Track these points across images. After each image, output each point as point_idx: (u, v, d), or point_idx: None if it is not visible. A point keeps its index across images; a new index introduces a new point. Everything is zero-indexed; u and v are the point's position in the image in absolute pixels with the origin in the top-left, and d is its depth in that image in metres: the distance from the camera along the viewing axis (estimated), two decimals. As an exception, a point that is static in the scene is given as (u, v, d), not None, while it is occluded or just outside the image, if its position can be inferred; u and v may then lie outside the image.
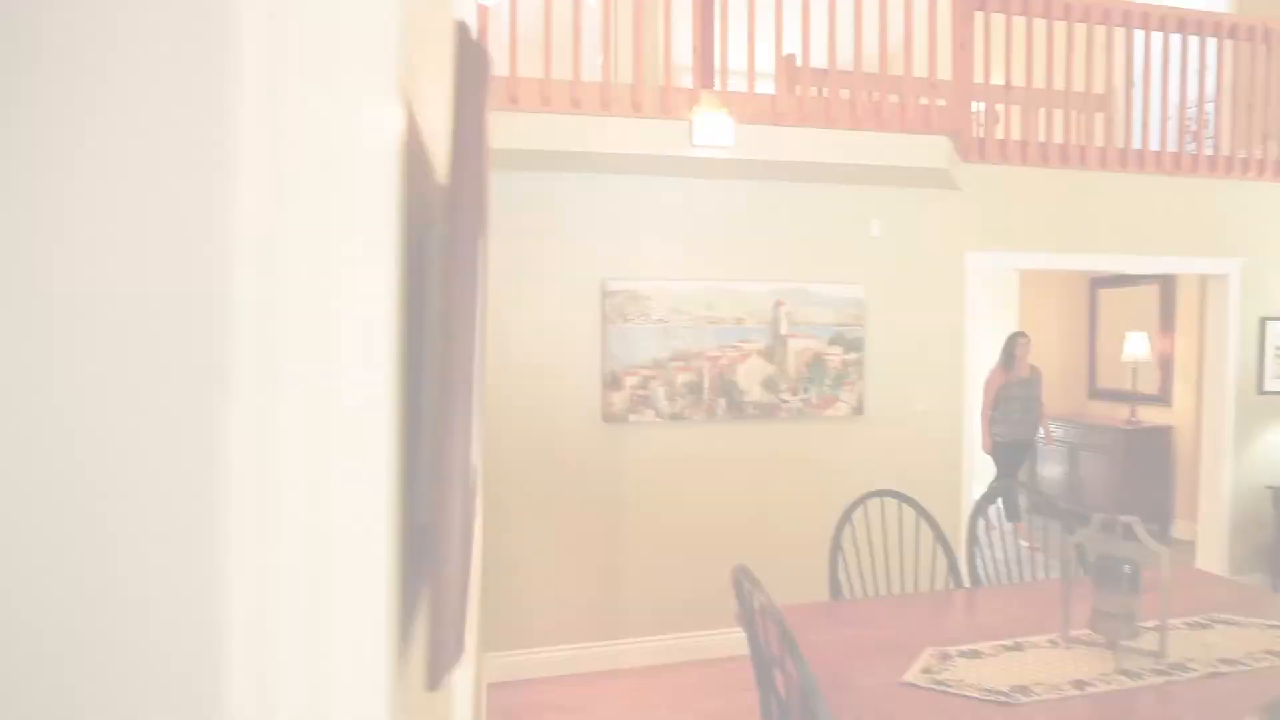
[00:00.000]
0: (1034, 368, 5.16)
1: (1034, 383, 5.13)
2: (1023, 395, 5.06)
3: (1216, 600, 2.28)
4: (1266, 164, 4.17)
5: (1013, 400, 5.06)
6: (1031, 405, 5.09)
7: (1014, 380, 5.06)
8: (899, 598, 2.32)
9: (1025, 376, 5.09)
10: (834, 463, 3.61)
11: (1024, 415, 5.06)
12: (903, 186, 3.61)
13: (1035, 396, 5.10)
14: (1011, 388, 5.06)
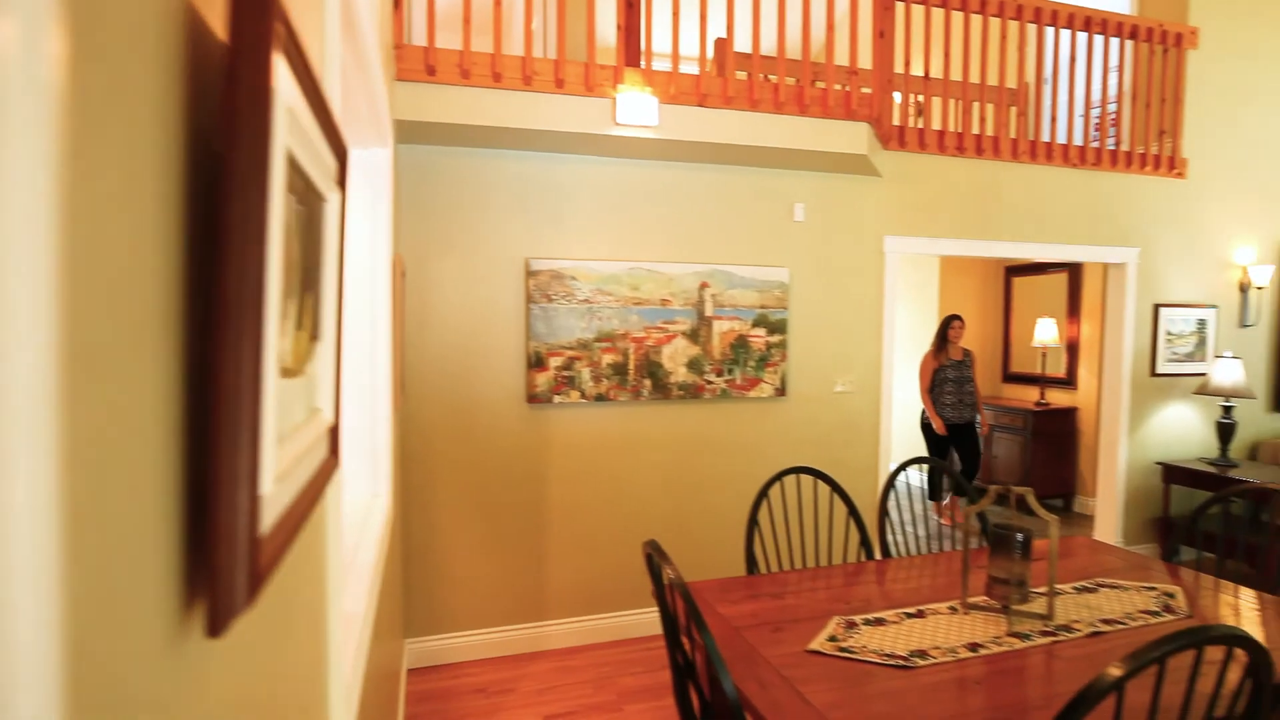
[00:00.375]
0: (967, 351, 5.21)
1: (966, 365, 5.16)
2: (955, 378, 5.11)
3: (1104, 567, 2.42)
4: (1162, 159, 4.42)
5: (945, 383, 5.12)
6: (965, 388, 5.13)
7: (947, 363, 5.13)
8: (812, 570, 2.38)
9: (958, 359, 5.14)
10: (758, 443, 3.68)
11: (957, 398, 5.12)
12: (826, 171, 3.67)
13: (968, 379, 5.14)
14: (945, 370, 5.12)
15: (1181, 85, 4.41)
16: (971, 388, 5.16)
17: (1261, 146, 4.72)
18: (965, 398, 5.13)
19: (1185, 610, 2.05)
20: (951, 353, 5.13)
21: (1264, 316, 4.86)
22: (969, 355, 5.21)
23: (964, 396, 5.13)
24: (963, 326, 5.17)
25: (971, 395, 5.15)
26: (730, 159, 3.42)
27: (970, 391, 5.15)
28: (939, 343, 5.17)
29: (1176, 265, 4.55)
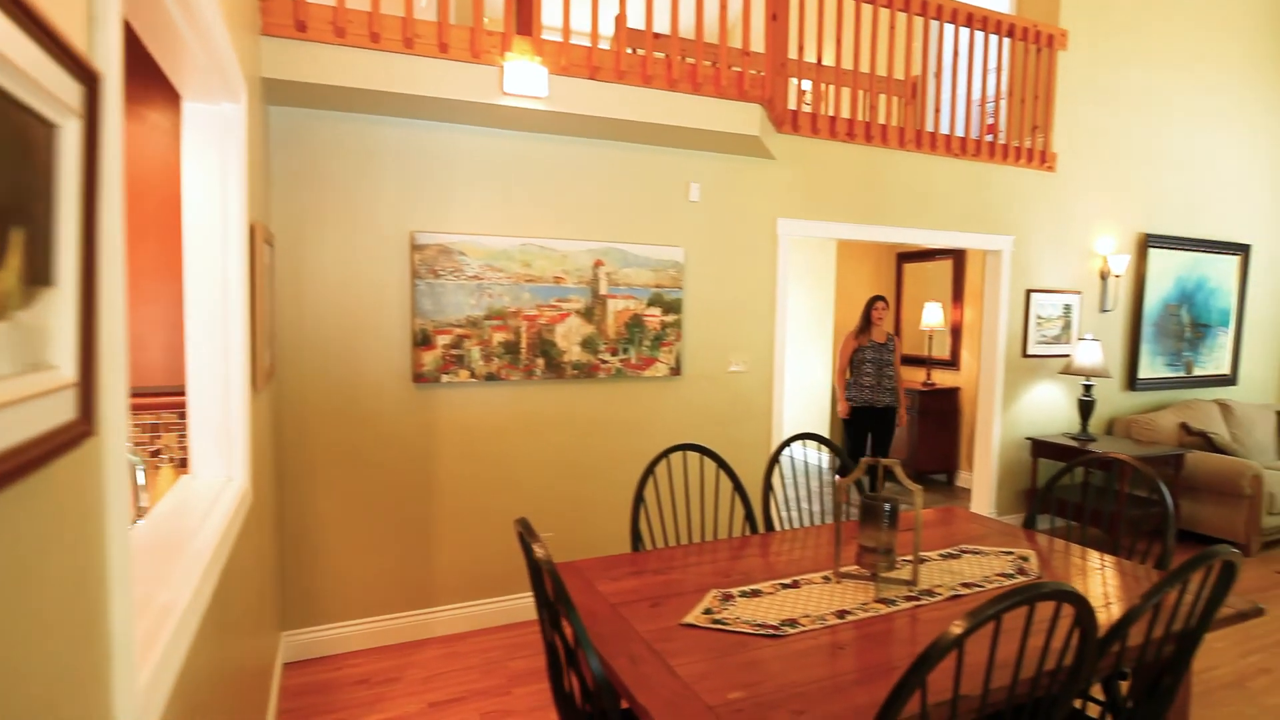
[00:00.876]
0: (891, 335, 5.05)
1: (888, 349, 5.00)
2: (875, 360, 4.97)
3: (970, 534, 2.55)
4: (1034, 153, 4.69)
5: (865, 364, 5.00)
6: (885, 371, 4.98)
7: (867, 344, 5.00)
8: (698, 545, 2.39)
9: (880, 342, 4.99)
10: (654, 422, 3.68)
11: (876, 380, 4.97)
12: (721, 152, 3.69)
13: (888, 362, 4.99)
14: (864, 351, 5.00)
15: (1052, 84, 4.68)
16: (892, 371, 5.01)
17: (1120, 145, 5.08)
18: (885, 381, 4.98)
19: (1036, 572, 2.18)
20: (874, 334, 5.00)
21: (1121, 303, 5.26)
22: (892, 339, 5.05)
23: (883, 380, 4.98)
24: (886, 308, 5.01)
25: (891, 379, 5.00)
26: (626, 135, 3.38)
27: (890, 375, 5.00)
28: (862, 324, 5.04)
29: (1046, 253, 4.86)
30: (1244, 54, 5.68)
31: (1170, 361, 5.56)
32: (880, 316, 4.97)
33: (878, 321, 4.98)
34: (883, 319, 4.99)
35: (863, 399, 4.99)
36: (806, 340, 7.04)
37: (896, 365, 5.02)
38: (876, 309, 4.97)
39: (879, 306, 4.98)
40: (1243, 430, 5.33)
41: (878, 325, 4.99)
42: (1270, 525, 4.58)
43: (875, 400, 4.97)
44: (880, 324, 4.98)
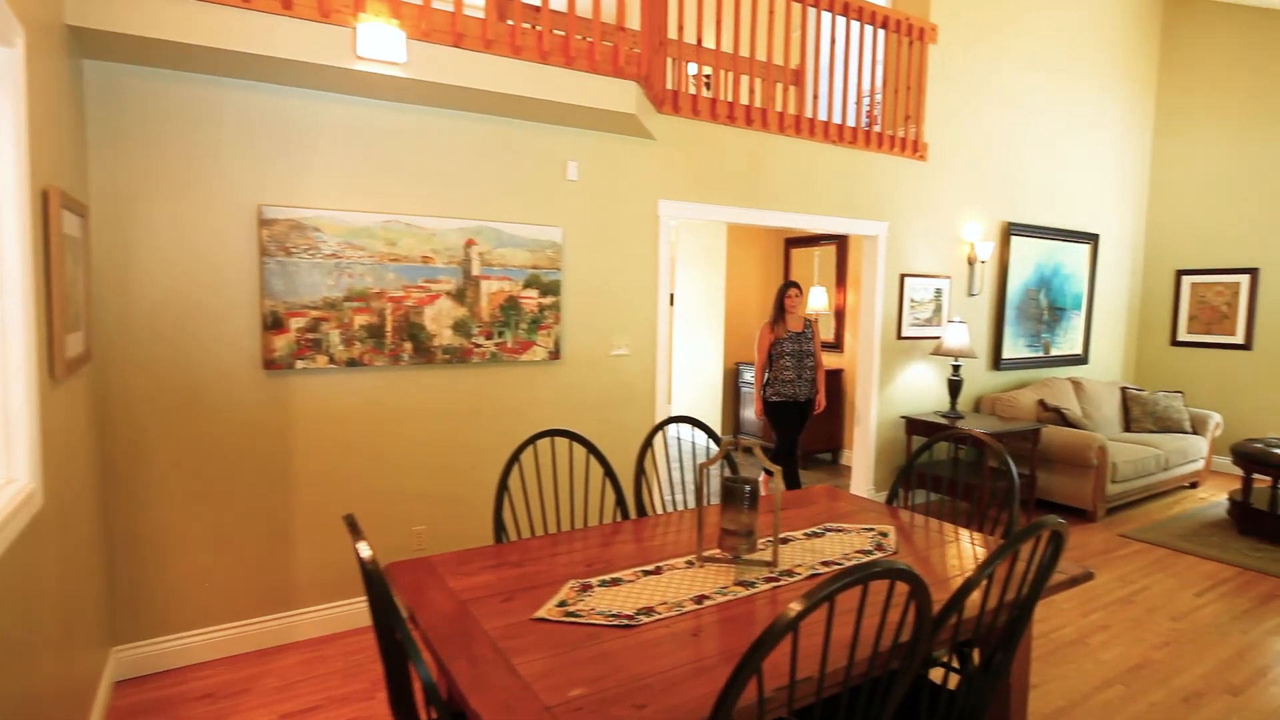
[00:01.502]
0: (809, 321, 4.77)
1: (807, 337, 4.71)
2: (795, 351, 4.68)
3: (836, 512, 2.59)
4: (907, 143, 4.85)
5: (784, 357, 4.68)
6: (805, 362, 4.71)
7: (785, 335, 4.69)
8: (566, 534, 2.31)
9: (798, 330, 4.70)
10: (532, 408, 3.57)
11: (797, 373, 4.68)
12: (599, 130, 3.59)
13: (809, 352, 4.71)
14: (783, 343, 4.69)
15: (923, 76, 4.85)
16: (812, 361, 4.73)
17: (985, 137, 5.35)
18: (806, 373, 4.71)
19: (894, 548, 2.23)
20: (790, 324, 4.71)
21: (987, 287, 5.55)
22: (810, 326, 4.75)
23: (804, 371, 4.70)
24: (799, 295, 4.70)
25: (812, 370, 4.74)
26: (498, 109, 3.23)
27: (811, 366, 4.73)
28: (776, 313, 4.72)
29: (919, 239, 5.05)
30: (1099, 57, 6.10)
31: (1030, 342, 5.94)
32: (794, 304, 4.69)
33: (792, 309, 4.70)
34: (797, 306, 4.70)
35: (785, 394, 4.69)
36: (700, 324, 7.08)
37: (817, 352, 4.77)
38: (789, 296, 4.68)
39: (792, 294, 4.68)
40: (1092, 406, 5.77)
41: (793, 313, 4.72)
42: (1114, 492, 4.97)
43: (797, 393, 4.71)
44: (795, 311, 4.72)
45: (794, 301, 4.69)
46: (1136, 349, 6.97)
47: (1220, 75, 6.29)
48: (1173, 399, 5.87)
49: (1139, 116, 6.60)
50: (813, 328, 4.76)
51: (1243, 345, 6.22)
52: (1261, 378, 6.12)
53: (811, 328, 4.75)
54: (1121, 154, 6.49)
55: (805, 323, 4.75)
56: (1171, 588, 3.81)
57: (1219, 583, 3.89)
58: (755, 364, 4.73)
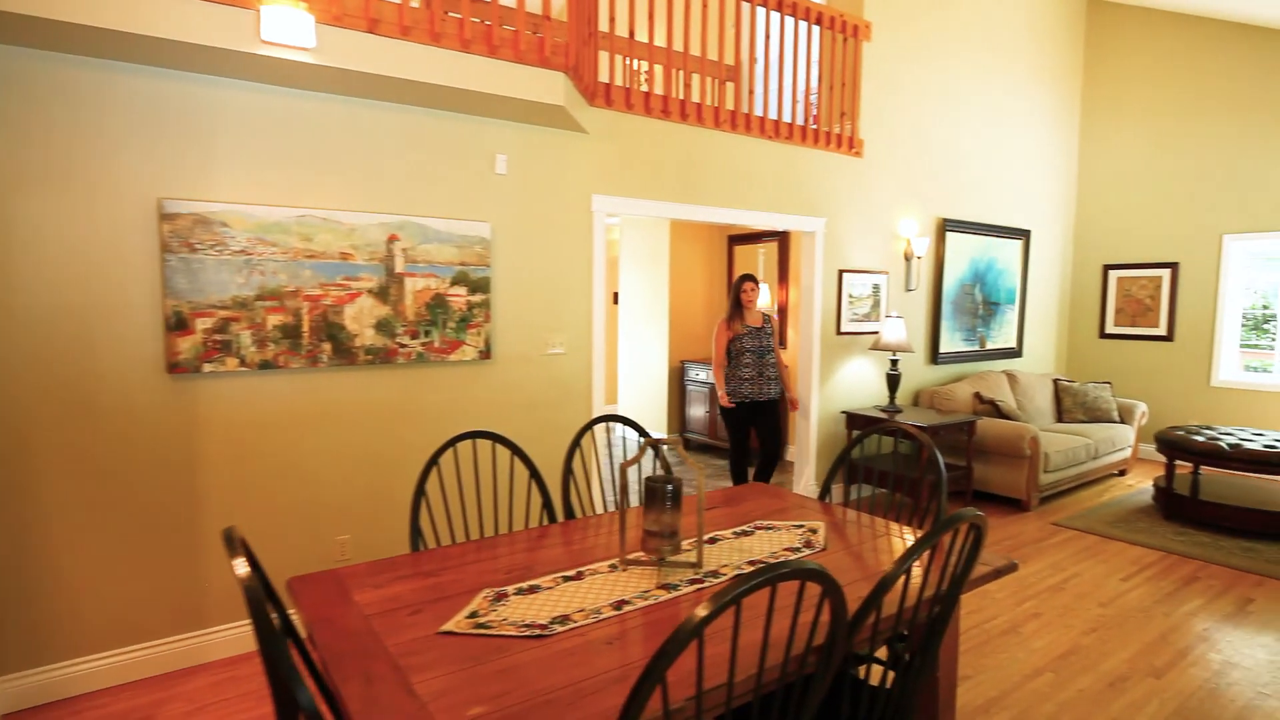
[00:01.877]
0: (768, 316, 4.52)
1: (766, 333, 4.46)
2: (754, 348, 4.42)
3: (767, 509, 2.55)
4: (844, 139, 4.87)
5: (743, 354, 4.43)
6: (766, 359, 4.44)
7: (743, 331, 4.42)
8: (482, 541, 2.22)
9: (756, 326, 4.45)
10: (462, 409, 3.45)
11: (757, 370, 4.42)
12: (528, 123, 3.50)
13: (769, 349, 4.45)
14: (741, 340, 4.42)
15: (858, 73, 4.88)
16: (773, 358, 4.48)
17: (920, 135, 5.42)
18: (766, 370, 4.44)
19: (822, 544, 2.19)
20: (748, 319, 4.44)
21: (923, 282, 5.63)
22: (769, 321, 4.51)
23: (765, 369, 4.43)
24: (756, 288, 4.41)
25: (774, 368, 4.47)
26: (419, 99, 3.10)
27: (772, 364, 4.47)
28: (732, 308, 4.45)
29: (856, 235, 5.08)
30: (1028, 60, 6.25)
31: (967, 336, 6.05)
32: (751, 299, 4.41)
33: (749, 305, 4.42)
34: (754, 300, 4.42)
35: (744, 393, 4.42)
36: (645, 322, 7.03)
37: (777, 349, 4.51)
38: (746, 290, 4.39)
39: (748, 287, 4.39)
40: (1026, 398, 5.91)
41: (750, 309, 4.44)
42: (1047, 481, 5.08)
43: (759, 393, 4.42)
44: (753, 306, 4.45)
45: (750, 295, 4.40)
46: (1068, 341, 7.17)
47: (1140, 78, 6.51)
48: (1101, 389, 6.04)
49: (1066, 117, 6.80)
50: (772, 323, 4.51)
51: (1165, 336, 6.45)
52: (1182, 367, 6.36)
53: (771, 323, 4.50)
54: (1050, 153, 6.67)
55: (764, 317, 4.50)
56: (1100, 574, 3.90)
57: (1144, 567, 4.00)
58: (713, 362, 4.48)
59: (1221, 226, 6.10)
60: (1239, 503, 4.48)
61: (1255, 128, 5.87)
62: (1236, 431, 4.90)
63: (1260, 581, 3.80)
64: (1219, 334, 6.15)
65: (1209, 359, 6.21)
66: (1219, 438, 4.71)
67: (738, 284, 4.42)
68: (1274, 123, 5.78)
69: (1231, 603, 3.54)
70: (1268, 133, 5.81)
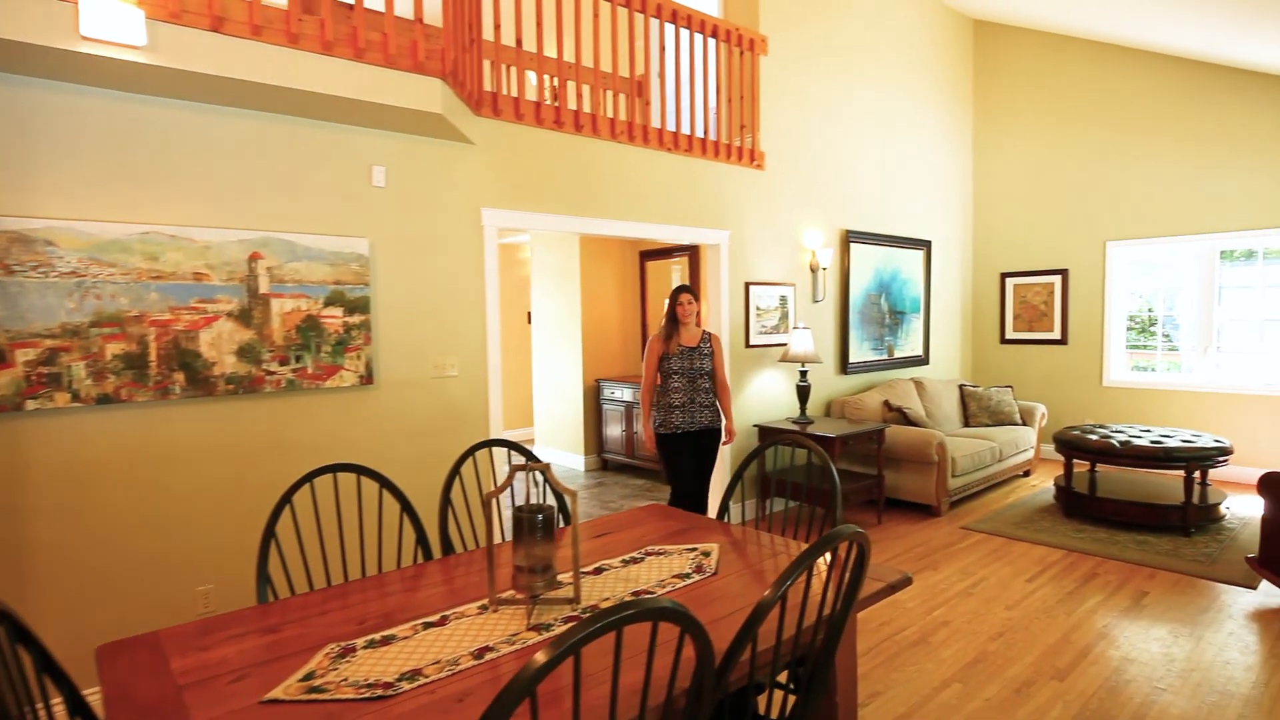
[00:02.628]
0: (709, 335, 3.95)
1: (704, 354, 3.89)
2: (687, 370, 3.84)
3: (663, 533, 2.41)
4: (744, 151, 4.86)
5: (672, 376, 3.86)
6: (699, 383, 3.87)
7: (677, 350, 3.85)
8: (345, 586, 1.99)
9: (692, 346, 3.87)
10: (341, 440, 3.19)
11: (689, 397, 3.84)
12: (407, 133, 3.30)
13: (703, 371, 3.88)
14: (670, 360, 3.86)
15: (756, 86, 4.89)
16: (709, 384, 3.91)
17: (821, 148, 5.48)
18: (699, 396, 3.86)
19: (714, 568, 2.06)
20: (683, 337, 3.88)
21: (830, 293, 5.67)
22: (709, 340, 3.94)
23: (697, 395, 3.86)
24: (694, 301, 3.89)
25: (709, 394, 3.91)
26: (280, 106, 2.87)
27: (707, 389, 3.89)
28: (668, 324, 3.91)
29: (761, 247, 5.07)
30: (922, 75, 6.44)
31: (875, 346, 6.12)
32: (687, 313, 3.85)
33: (685, 320, 3.87)
34: (690, 315, 3.86)
35: (673, 423, 3.84)
36: (559, 340, 6.85)
37: (718, 371, 3.96)
38: (681, 304, 3.85)
39: (683, 300, 3.86)
40: (934, 404, 6.01)
41: (686, 325, 3.89)
42: (956, 486, 5.15)
43: (689, 423, 3.84)
44: (689, 322, 3.88)
45: (686, 309, 3.85)
46: (971, 347, 7.39)
47: (1026, 94, 6.82)
48: (1004, 393, 6.22)
49: (960, 131, 7.05)
50: (713, 343, 3.94)
51: (1060, 340, 6.71)
52: (1076, 369, 6.63)
53: (711, 343, 3.93)
54: (947, 165, 6.89)
55: (703, 336, 3.93)
56: (1006, 576, 3.93)
57: (1048, 566, 4.06)
58: (642, 385, 3.94)
59: (1105, 234, 6.41)
60: (1132, 497, 4.63)
61: (1130, 141, 6.21)
62: (1127, 429, 5.09)
63: (1153, 574, 3.90)
64: (1108, 336, 6.44)
65: (1100, 360, 6.49)
66: (1111, 436, 4.88)
67: (673, 297, 3.90)
68: (1146, 137, 6.12)
69: (1128, 597, 3.61)
70: (1141, 146, 6.15)
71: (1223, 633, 3.20)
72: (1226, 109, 5.72)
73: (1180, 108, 5.93)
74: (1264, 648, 3.05)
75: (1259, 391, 5.73)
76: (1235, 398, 5.83)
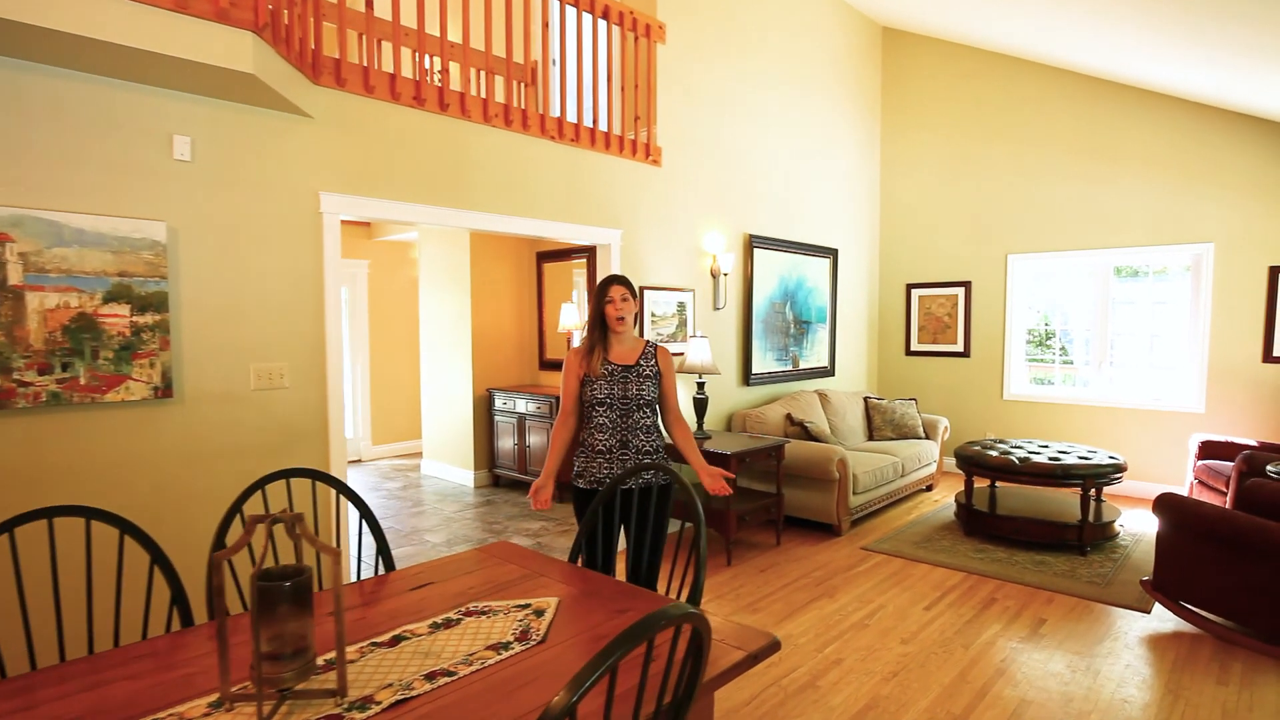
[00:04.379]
0: (653, 347, 2.68)
1: (643, 375, 2.61)
2: (618, 399, 2.58)
3: (495, 583, 1.99)
4: (639, 145, 4.51)
5: (597, 408, 2.59)
6: (636, 417, 2.60)
7: (603, 371, 2.59)
8: (69, 665, 1.48)
9: (623, 365, 2.60)
10: (130, 466, 2.63)
11: (621, 438, 2.58)
12: (219, 99, 2.78)
13: (645, 402, 2.61)
14: (595, 385, 2.58)
15: (653, 75, 4.56)
16: (650, 418, 2.64)
17: (723, 148, 5.19)
18: (638, 437, 2.60)
19: (542, 634, 1.66)
20: (615, 351, 2.63)
21: (732, 300, 5.39)
22: (653, 354, 2.67)
23: (634, 435, 2.60)
24: (630, 299, 2.62)
25: (653, 434, 2.65)
26: (43, 54, 2.31)
27: (649, 428, 2.64)
28: (594, 332, 2.64)
29: (657, 249, 4.73)
30: (830, 81, 6.27)
31: (779, 356, 5.89)
32: (622, 313, 2.60)
33: (618, 327, 2.60)
34: (627, 320, 2.62)
35: (595, 474, 2.59)
36: (447, 346, 6.33)
37: (668, 398, 2.69)
38: (612, 301, 2.61)
39: (616, 296, 2.61)
40: (839, 417, 5.81)
41: (620, 333, 2.63)
42: (858, 504, 4.93)
43: (609, 471, 2.58)
44: (624, 330, 2.63)
45: (620, 310, 2.59)
46: (878, 359, 7.29)
47: (933, 105, 6.77)
48: (908, 406, 6.09)
49: (868, 139, 6.94)
50: (660, 359, 2.66)
51: (963, 353, 6.67)
52: (979, 382, 6.59)
53: (658, 359, 2.66)
54: (854, 172, 6.76)
55: (646, 349, 2.66)
56: (904, 604, 3.69)
57: (946, 591, 3.85)
58: (557, 418, 2.70)
59: (1007, 246, 6.40)
60: (1031, 515, 4.51)
61: (1032, 155, 6.21)
62: (1026, 444, 5.00)
63: (1051, 598, 3.74)
64: (1009, 349, 6.42)
65: (1001, 373, 6.47)
66: (1010, 452, 4.76)
67: (599, 292, 2.63)
68: (1046, 151, 6.14)
69: (1026, 625, 3.42)
70: (1042, 160, 6.16)
71: (1120, 665, 3.02)
72: (1124, 126, 5.77)
73: (1081, 124, 5.96)
74: (1160, 683, 2.88)
75: (1150, 406, 5.79)
76: (1128, 412, 5.88)
